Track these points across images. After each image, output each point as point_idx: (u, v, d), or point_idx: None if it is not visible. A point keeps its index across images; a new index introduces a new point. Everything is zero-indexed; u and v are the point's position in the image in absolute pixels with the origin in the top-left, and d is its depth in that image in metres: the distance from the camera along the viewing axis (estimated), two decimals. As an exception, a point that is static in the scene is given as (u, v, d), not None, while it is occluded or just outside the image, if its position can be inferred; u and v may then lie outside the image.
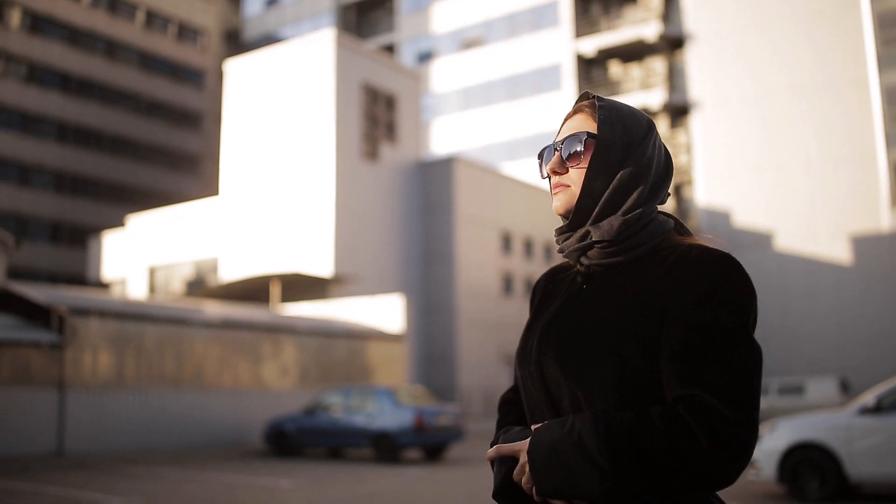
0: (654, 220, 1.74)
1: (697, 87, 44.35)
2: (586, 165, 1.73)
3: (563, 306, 1.78)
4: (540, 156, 1.85)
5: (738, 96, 42.90)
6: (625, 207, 1.71)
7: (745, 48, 42.87)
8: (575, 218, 1.75)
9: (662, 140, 1.92)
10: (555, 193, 1.77)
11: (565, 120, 1.84)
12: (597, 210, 1.72)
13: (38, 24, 53.76)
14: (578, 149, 1.74)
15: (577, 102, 1.84)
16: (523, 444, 1.65)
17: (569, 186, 1.75)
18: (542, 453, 1.58)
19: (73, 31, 54.90)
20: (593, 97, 1.81)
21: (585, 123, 1.77)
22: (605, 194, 1.72)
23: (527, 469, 1.61)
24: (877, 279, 38.43)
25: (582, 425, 1.55)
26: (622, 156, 1.72)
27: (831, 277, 39.66)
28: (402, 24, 56.00)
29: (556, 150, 1.79)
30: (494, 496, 1.79)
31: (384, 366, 27.74)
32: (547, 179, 1.83)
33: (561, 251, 1.81)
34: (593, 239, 1.71)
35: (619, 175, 1.71)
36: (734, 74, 43.15)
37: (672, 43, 47.04)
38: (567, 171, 1.76)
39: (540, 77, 50.29)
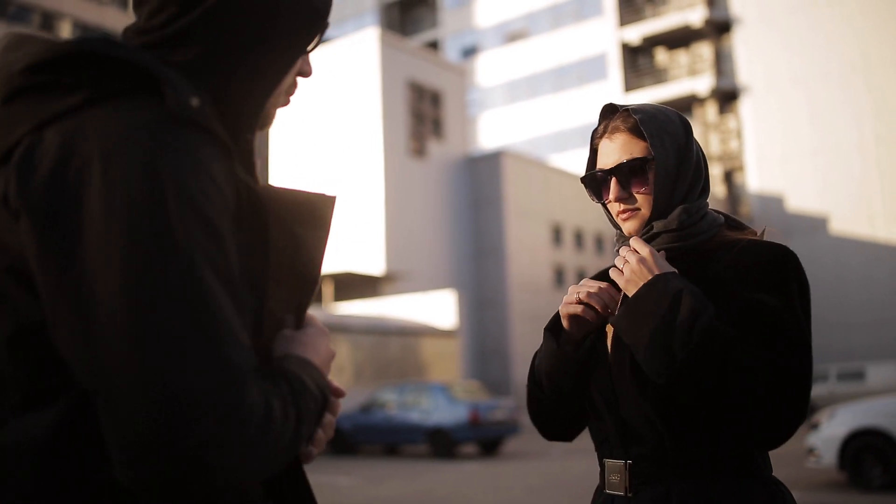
0: (709, 214, 1.82)
1: (746, 71, 43.74)
2: (651, 191, 1.77)
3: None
4: (583, 180, 1.87)
5: (789, 79, 42.23)
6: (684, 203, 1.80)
7: (793, 30, 42.18)
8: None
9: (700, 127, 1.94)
10: (624, 219, 1.81)
11: (598, 138, 1.86)
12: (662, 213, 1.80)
13: (88, 33, 54.81)
14: (640, 176, 1.77)
15: (607, 119, 1.85)
16: (661, 267, 1.70)
17: (638, 210, 1.79)
18: (659, 289, 1.65)
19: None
20: (624, 110, 1.82)
21: (632, 144, 1.79)
22: (671, 203, 1.78)
23: (629, 283, 1.72)
24: (937, 260, 37.69)
25: (706, 314, 1.60)
26: (676, 163, 1.78)
27: (889, 260, 38.91)
28: (446, 20, 56.02)
29: (611, 176, 1.80)
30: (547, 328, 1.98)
31: (438, 362, 27.82)
32: (599, 203, 1.87)
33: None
34: (655, 230, 1.77)
35: (678, 183, 1.78)
36: (783, 57, 42.49)
37: (718, 27, 46.44)
38: (631, 196, 1.79)
39: (585, 67, 49.99)
